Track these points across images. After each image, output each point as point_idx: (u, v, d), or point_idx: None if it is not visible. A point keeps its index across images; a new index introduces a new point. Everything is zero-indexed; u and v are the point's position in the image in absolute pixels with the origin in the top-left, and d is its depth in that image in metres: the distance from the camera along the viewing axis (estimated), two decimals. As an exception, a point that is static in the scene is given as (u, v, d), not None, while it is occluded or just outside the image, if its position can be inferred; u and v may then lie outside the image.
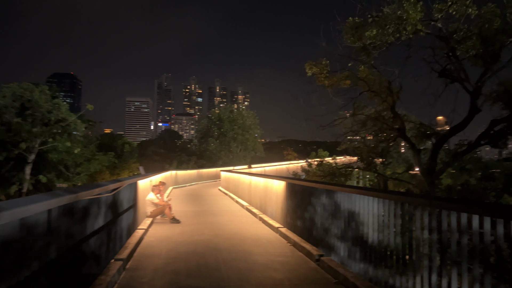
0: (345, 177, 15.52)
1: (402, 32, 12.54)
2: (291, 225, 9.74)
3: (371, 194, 5.69)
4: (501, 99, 12.87)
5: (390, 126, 14.56)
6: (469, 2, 11.67)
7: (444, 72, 13.88)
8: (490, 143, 13.17)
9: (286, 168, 48.63)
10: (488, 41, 11.77)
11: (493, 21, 11.59)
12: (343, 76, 14.71)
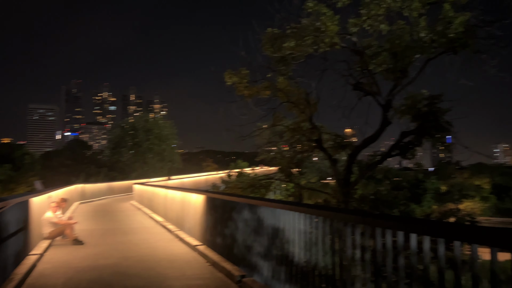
0: (265, 189, 15.31)
1: (320, 44, 12.69)
2: (211, 242, 9.06)
3: (297, 209, 5.28)
4: (409, 112, 13.60)
5: (308, 137, 14.68)
6: (382, 18, 12.20)
7: (358, 85, 14.36)
8: (400, 154, 13.86)
9: (205, 179, 47.70)
10: (398, 57, 12.38)
11: (403, 37, 12.24)
12: (263, 86, 14.53)
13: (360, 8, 12.76)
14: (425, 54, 12.63)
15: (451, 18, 12.23)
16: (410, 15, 12.79)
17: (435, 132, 12.87)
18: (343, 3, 13.13)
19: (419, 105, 13.38)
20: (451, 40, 11.80)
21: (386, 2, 12.16)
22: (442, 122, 12.71)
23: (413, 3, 12.45)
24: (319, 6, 12.94)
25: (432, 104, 13.05)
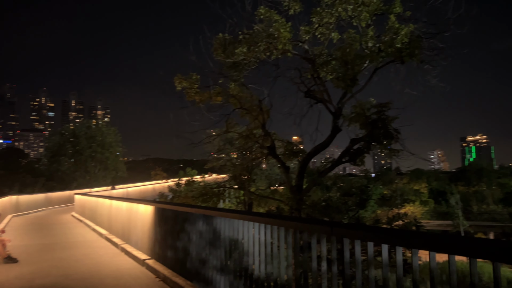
0: (217, 197, 14.90)
1: (272, 50, 12.61)
2: (161, 256, 8.52)
3: (257, 220, 4.98)
4: (358, 120, 13.87)
5: (261, 144, 14.52)
6: (333, 27, 12.36)
7: (309, 92, 14.45)
8: (350, 161, 14.06)
9: (152, 188, 46.13)
10: (348, 65, 12.58)
11: (353, 46, 12.48)
12: (215, 92, 14.18)
13: (312, 16, 12.87)
14: (374, 63, 12.96)
15: (397, 29, 12.66)
16: (359, 24, 13.10)
17: (384, 139, 13.20)
18: (294, 10, 13.18)
19: (368, 113, 13.68)
20: (399, 49, 12.19)
21: (337, 11, 12.34)
22: (390, 129, 13.06)
23: (362, 13, 12.76)
24: (270, 13, 12.89)
25: (381, 112, 13.40)
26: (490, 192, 71.98)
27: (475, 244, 2.53)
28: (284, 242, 4.52)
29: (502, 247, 2.36)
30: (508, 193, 62.50)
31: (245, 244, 5.24)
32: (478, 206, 61.45)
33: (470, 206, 60.85)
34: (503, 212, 54.15)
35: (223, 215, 5.89)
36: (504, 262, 2.36)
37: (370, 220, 18.49)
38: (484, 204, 64.14)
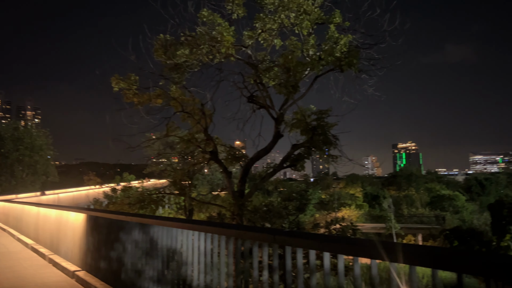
0: (156, 204, 14.34)
1: (215, 54, 12.44)
2: (93, 267, 7.97)
3: (197, 228, 4.78)
4: (299, 126, 14.10)
5: (203, 149, 14.24)
6: (276, 33, 12.47)
7: (252, 98, 14.45)
8: (291, 166, 14.24)
9: (86, 194, 43.66)
10: (290, 72, 12.75)
11: (295, 53, 12.68)
12: (155, 94, 13.70)
13: (255, 22, 12.89)
14: (315, 71, 13.25)
15: (337, 38, 13.06)
16: (301, 32, 13.35)
17: (323, 145, 13.51)
18: (238, 15, 13.13)
19: (308, 119, 13.95)
20: (338, 58, 12.56)
21: (279, 18, 12.47)
22: (329, 136, 13.41)
23: (304, 22, 13.01)
24: (214, 16, 12.73)
25: (320, 118, 13.72)
26: (418, 196, 76.86)
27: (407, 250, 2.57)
28: (225, 250, 4.37)
29: (418, 252, 2.42)
30: (434, 197, 67.16)
31: (184, 253, 5.00)
32: (408, 210, 65.29)
33: (401, 209, 64.50)
34: (430, 215, 57.99)
35: (160, 223, 5.60)
36: (418, 265, 2.53)
37: (310, 224, 18.87)
38: (414, 207, 68.30)
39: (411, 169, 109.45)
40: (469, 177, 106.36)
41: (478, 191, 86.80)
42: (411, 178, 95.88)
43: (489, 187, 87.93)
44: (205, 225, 4.70)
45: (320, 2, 13.45)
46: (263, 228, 3.88)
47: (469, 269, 2.31)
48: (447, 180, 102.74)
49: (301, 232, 5.75)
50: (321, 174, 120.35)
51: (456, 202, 62.53)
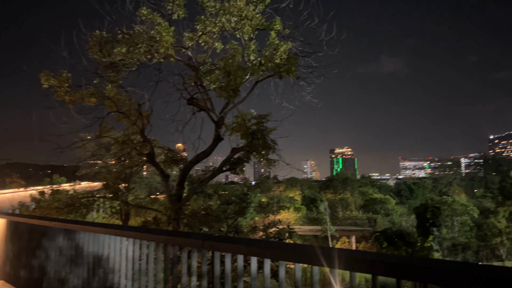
0: (87, 208, 13.61)
1: (154, 54, 12.13)
2: (13, 276, 7.40)
3: (126, 234, 4.60)
4: (239, 130, 14.15)
5: (139, 151, 13.78)
6: (217, 36, 12.43)
7: (192, 100, 14.28)
8: (230, 169, 14.23)
9: (10, 197, 40.45)
10: (231, 76, 12.76)
11: (236, 57, 12.72)
12: (88, 93, 13.04)
13: (196, 24, 12.76)
14: (255, 76, 13.38)
15: (277, 45, 13.31)
16: (242, 37, 13.43)
17: (262, 149, 13.67)
18: (178, 15, 12.92)
19: (248, 123, 14.04)
20: (278, 65, 12.80)
21: (221, 21, 12.45)
22: (268, 140, 13.59)
23: (245, 27, 13.11)
24: (153, 15, 12.42)
25: (260, 123, 13.87)
26: (353, 199, 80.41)
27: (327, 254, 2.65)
28: (153, 257, 4.24)
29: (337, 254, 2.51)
30: (367, 200, 70.64)
31: (111, 260, 4.79)
32: (343, 212, 68.07)
33: (337, 212, 67.10)
34: (363, 218, 60.93)
35: (87, 229, 5.32)
36: (355, 271, 2.57)
37: (248, 227, 18.97)
38: (348, 210, 71.33)
39: (346, 174, 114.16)
40: (399, 182, 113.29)
41: (407, 195, 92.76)
42: (346, 182, 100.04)
43: (416, 191, 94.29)
44: (133, 231, 4.54)
45: (262, 9, 13.64)
46: (192, 234, 3.81)
47: (407, 275, 2.36)
48: (380, 184, 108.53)
49: (229, 237, 5.75)
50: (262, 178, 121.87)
51: (387, 205, 66.28)
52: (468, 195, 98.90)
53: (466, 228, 54.39)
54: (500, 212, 52.12)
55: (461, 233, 54.03)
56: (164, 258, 4.09)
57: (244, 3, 12.33)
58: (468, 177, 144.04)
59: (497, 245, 49.60)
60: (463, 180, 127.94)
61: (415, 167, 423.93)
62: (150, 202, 23.01)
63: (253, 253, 3.19)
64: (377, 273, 2.45)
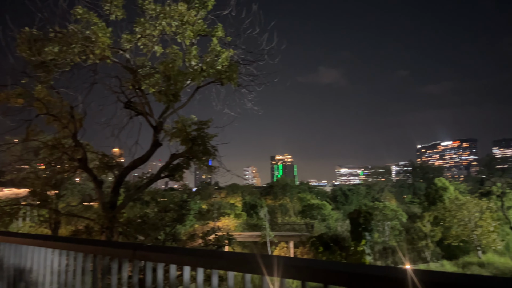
0: (11, 217, 12.59)
1: (89, 54, 11.61)
2: None
3: (50, 245, 4.33)
4: (179, 135, 13.94)
5: (70, 156, 13.05)
6: (156, 40, 12.19)
7: (129, 104, 13.85)
8: (169, 176, 13.95)
9: None
10: (171, 80, 12.56)
11: (176, 62, 12.54)
12: (15, 93, 12.16)
13: (135, 26, 12.43)
14: (196, 82, 13.29)
15: (219, 52, 13.35)
16: (183, 42, 13.30)
17: (202, 155, 13.56)
18: (116, 16, 12.51)
19: (189, 129, 13.88)
20: (219, 71, 12.82)
21: (161, 25, 12.24)
22: (208, 146, 13.52)
23: (186, 32, 12.99)
24: (89, 14, 11.90)
25: (201, 129, 13.77)
26: (292, 205, 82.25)
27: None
28: (81, 268, 4.03)
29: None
30: (305, 206, 72.62)
31: (34, 273, 4.48)
32: (282, 218, 69.33)
33: (276, 218, 68.20)
34: (301, 223, 62.51)
35: (7, 240, 4.93)
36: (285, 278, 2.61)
37: (187, 235, 18.69)
38: (287, 216, 72.82)
39: (286, 180, 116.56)
40: (336, 188, 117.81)
41: (342, 201, 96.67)
42: (286, 188, 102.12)
43: (351, 197, 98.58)
44: (60, 241, 4.29)
45: (204, 15, 13.61)
46: (123, 243, 3.69)
47: (333, 280, 2.45)
48: (317, 191, 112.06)
49: (161, 246, 5.63)
50: (203, 184, 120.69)
51: (324, 210, 68.58)
52: (398, 201, 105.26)
53: (396, 232, 57.73)
54: (425, 217, 55.99)
55: (391, 237, 57.23)
56: (93, 270, 3.91)
57: (186, 8, 12.23)
58: (398, 184, 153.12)
59: (423, 248, 53.19)
60: (394, 187, 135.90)
61: (350, 174, 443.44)
62: (82, 210, 21.85)
63: (186, 262, 3.15)
64: (306, 279, 2.53)
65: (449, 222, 55.01)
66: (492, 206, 53.92)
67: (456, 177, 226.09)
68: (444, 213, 56.65)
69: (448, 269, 46.89)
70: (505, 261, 49.52)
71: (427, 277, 2.19)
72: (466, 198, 57.89)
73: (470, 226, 52.09)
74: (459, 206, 54.71)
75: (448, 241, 54.16)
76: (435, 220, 56.83)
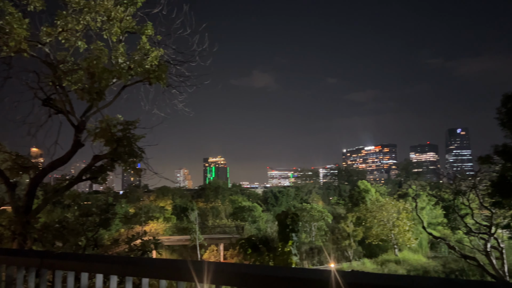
0: None
1: (3, 47, 10.68)
2: None
3: None
4: (103, 136, 13.30)
5: (-22, 156, 11.86)
6: (80, 34, 11.55)
7: (48, 101, 12.94)
8: (91, 178, 13.26)
9: None
10: (95, 78, 11.97)
11: (101, 59, 11.96)
12: None
13: (56, 19, 11.66)
14: (122, 80, 12.79)
15: (148, 50, 12.98)
16: (110, 38, 12.75)
17: (128, 157, 13.08)
18: (35, 7, 11.63)
19: (113, 130, 13.31)
20: (147, 71, 12.46)
21: (85, 19, 11.62)
22: (135, 148, 13.06)
23: (113, 28, 12.47)
24: (4, 3, 10.96)
25: (127, 129, 13.27)
26: (223, 208, 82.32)
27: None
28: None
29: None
30: (236, 208, 73.05)
31: None
32: (213, 221, 69.09)
33: (207, 220, 67.79)
34: (232, 225, 62.77)
35: None
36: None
37: (111, 240, 17.86)
38: (219, 218, 72.72)
39: (218, 182, 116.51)
40: (267, 190, 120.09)
41: (273, 202, 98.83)
42: (218, 190, 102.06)
43: (281, 198, 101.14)
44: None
45: (133, 11, 13.16)
46: (30, 251, 3.42)
47: (248, 284, 2.47)
48: (249, 193, 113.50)
49: (72, 253, 5.36)
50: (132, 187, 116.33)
51: (254, 212, 69.53)
52: (325, 202, 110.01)
53: (322, 233, 60.26)
54: (349, 218, 59.15)
55: (317, 237, 59.62)
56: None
57: (113, 3, 11.73)
58: (325, 186, 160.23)
59: (346, 247, 56.08)
60: (321, 189, 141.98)
61: (281, 176, 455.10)
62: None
63: (98, 270, 3.01)
64: (220, 282, 2.55)
65: (370, 222, 58.64)
66: (408, 207, 58.40)
67: (377, 180, 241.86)
68: (365, 214, 60.28)
69: (369, 267, 49.93)
70: (418, 258, 53.86)
71: (349, 279, 2.31)
72: (385, 199, 62.09)
73: (389, 226, 55.95)
74: (379, 207, 58.55)
75: (369, 240, 57.67)
76: (358, 220, 60.25)
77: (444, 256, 53.68)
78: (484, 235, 34.72)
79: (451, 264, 47.28)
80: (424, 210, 62.82)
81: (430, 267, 47.43)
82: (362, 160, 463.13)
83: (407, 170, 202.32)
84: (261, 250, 35.72)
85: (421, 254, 56.36)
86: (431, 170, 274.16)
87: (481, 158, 29.76)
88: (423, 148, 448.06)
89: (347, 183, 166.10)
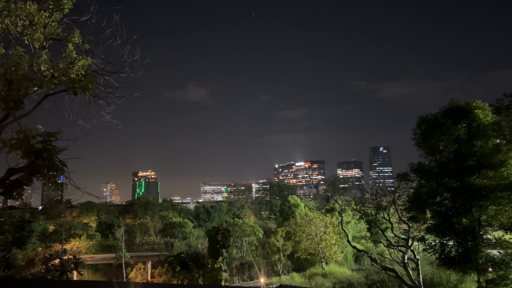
0: None
1: None
2: None
3: None
4: (20, 147, 12.42)
5: None
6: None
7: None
8: (5, 193, 12.24)
9: None
10: (13, 85, 11.17)
11: (21, 65, 11.21)
12: None
13: (-30, 20, 10.77)
14: (44, 89, 12.07)
15: (74, 59, 12.42)
16: (32, 44, 12.02)
17: (48, 171, 12.29)
18: None
19: (32, 141, 12.47)
20: (73, 80, 11.89)
21: (4, 22, 10.86)
22: (56, 161, 12.32)
23: (36, 33, 11.79)
24: None
25: (47, 141, 12.50)
26: (153, 224, 79.62)
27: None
28: None
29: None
30: (166, 224, 70.96)
31: None
32: (141, 237, 66.39)
33: (135, 237, 64.99)
34: (161, 242, 60.79)
35: None
36: None
37: (25, 260, 16.47)
38: (147, 235, 70.08)
39: (148, 197, 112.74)
40: (199, 205, 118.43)
41: (204, 218, 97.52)
42: (147, 206, 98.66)
43: (213, 214, 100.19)
44: None
45: (59, 18, 12.56)
46: None
47: None
48: (180, 208, 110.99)
49: None
50: (52, 202, 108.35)
51: (185, 228, 68.08)
52: (257, 217, 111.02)
53: (253, 248, 60.56)
54: (279, 232, 60.12)
55: (248, 252, 59.78)
56: None
57: (36, 8, 11.10)
58: (257, 200, 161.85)
59: (276, 262, 56.83)
60: (253, 204, 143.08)
61: (214, 191, 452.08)
62: None
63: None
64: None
65: (299, 236, 60.14)
66: (334, 221, 60.87)
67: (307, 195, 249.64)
68: (295, 228, 61.74)
69: (297, 281, 50.98)
70: (343, 270, 56.11)
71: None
72: (314, 214, 64.17)
73: (316, 239, 57.78)
74: (308, 221, 60.34)
75: (298, 254, 59.02)
76: (287, 235, 61.48)
77: (367, 268, 56.46)
78: (402, 247, 37.19)
79: (373, 276, 49.87)
80: (350, 224, 65.90)
81: (354, 279, 49.59)
82: (293, 175, 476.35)
83: (334, 185, 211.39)
84: (191, 267, 34.97)
85: (346, 267, 58.79)
86: (356, 185, 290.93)
87: (399, 175, 32.15)
88: (349, 164, 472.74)
89: (279, 197, 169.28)
